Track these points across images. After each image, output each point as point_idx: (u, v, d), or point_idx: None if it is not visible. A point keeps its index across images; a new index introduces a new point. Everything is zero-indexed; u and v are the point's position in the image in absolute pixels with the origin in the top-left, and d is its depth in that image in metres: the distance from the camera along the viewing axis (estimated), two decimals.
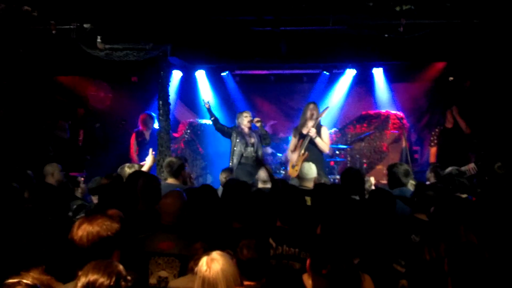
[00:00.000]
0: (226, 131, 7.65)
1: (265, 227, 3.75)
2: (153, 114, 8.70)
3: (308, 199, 4.67)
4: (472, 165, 6.58)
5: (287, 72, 10.12)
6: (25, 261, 2.54)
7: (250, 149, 7.43)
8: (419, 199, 4.25)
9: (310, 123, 7.22)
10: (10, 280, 2.27)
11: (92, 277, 2.21)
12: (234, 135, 7.48)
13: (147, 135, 8.70)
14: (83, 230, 2.55)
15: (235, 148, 7.43)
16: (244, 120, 7.47)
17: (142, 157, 8.13)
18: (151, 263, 3.36)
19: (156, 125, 8.45)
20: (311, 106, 7.38)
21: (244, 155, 7.40)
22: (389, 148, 9.77)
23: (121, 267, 2.31)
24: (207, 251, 2.83)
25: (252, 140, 7.45)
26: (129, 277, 2.31)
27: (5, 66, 7.73)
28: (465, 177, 5.03)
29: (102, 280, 2.21)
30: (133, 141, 8.64)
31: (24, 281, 2.30)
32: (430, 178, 6.09)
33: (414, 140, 9.99)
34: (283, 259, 3.47)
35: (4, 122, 8.01)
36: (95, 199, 5.07)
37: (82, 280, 2.22)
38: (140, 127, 8.74)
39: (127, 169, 5.53)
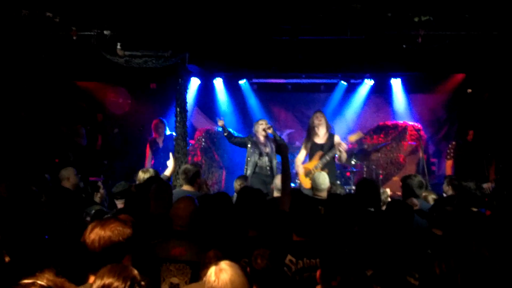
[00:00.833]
0: (240, 141, 7.67)
1: (280, 236, 3.74)
2: (164, 120, 8.79)
3: (321, 208, 4.64)
4: (490, 184, 6.53)
5: (304, 81, 10.12)
6: (40, 263, 2.57)
7: (264, 158, 7.42)
8: (437, 214, 4.20)
9: (322, 131, 7.25)
10: (25, 281, 2.28)
11: (107, 280, 2.24)
12: (249, 144, 7.48)
13: (160, 141, 8.76)
14: (95, 234, 2.58)
15: (249, 158, 7.43)
16: (259, 128, 7.47)
17: (157, 164, 8.20)
18: (163, 269, 3.37)
19: (169, 131, 8.55)
20: (318, 113, 7.50)
21: (258, 164, 7.39)
22: (406, 160, 9.70)
23: (136, 271, 2.33)
24: (220, 259, 2.83)
25: (267, 149, 7.43)
26: (143, 282, 2.33)
27: (27, 70, 7.87)
28: (482, 191, 4.98)
29: (117, 284, 2.23)
30: (148, 150, 8.73)
31: (39, 282, 2.31)
32: (448, 191, 6.04)
33: (431, 152, 9.91)
34: (305, 272, 3.42)
35: (25, 125, 8.13)
36: (119, 204, 5.12)
37: (98, 283, 2.25)
38: (153, 135, 8.81)
39: (141, 174, 5.59)
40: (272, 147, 7.43)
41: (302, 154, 7.51)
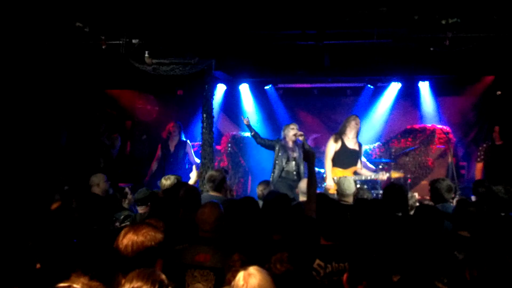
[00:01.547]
0: (268, 144, 7.63)
1: (305, 240, 3.74)
2: (179, 123, 8.85)
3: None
4: None
5: (330, 86, 10.09)
6: (72, 268, 2.63)
7: (291, 163, 7.37)
8: (460, 215, 4.17)
9: (352, 134, 7.30)
10: (61, 284, 2.34)
11: (136, 284, 2.29)
12: (277, 148, 7.46)
13: (172, 145, 8.77)
14: (128, 239, 2.62)
15: (276, 162, 7.40)
16: (290, 132, 7.42)
17: (160, 169, 8.26)
18: (187, 275, 3.40)
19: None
20: (357, 118, 7.46)
21: (285, 169, 7.35)
22: (434, 163, 9.55)
23: (163, 276, 2.38)
24: (245, 263, 2.84)
25: (295, 154, 7.37)
26: (170, 287, 2.37)
27: (59, 79, 8.07)
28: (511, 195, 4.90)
29: (146, 287, 2.28)
30: (158, 152, 8.85)
31: (74, 285, 2.37)
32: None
33: (461, 155, 9.74)
34: (334, 276, 3.40)
35: (57, 133, 8.33)
36: (140, 209, 5.22)
37: (127, 287, 2.30)
38: (164, 135, 8.89)
39: (164, 181, 5.63)
40: (300, 152, 7.36)
41: (330, 151, 7.33)
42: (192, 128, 9.89)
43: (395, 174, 7.42)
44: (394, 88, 9.68)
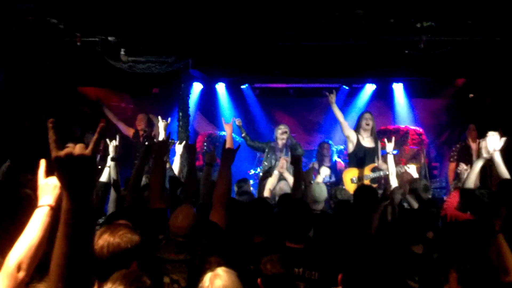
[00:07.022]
0: (259, 146, 7.63)
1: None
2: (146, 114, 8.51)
3: None
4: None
5: (306, 86, 10.14)
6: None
7: (278, 164, 7.38)
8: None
9: (367, 133, 7.46)
10: None
11: (119, 286, 2.21)
12: (266, 150, 7.50)
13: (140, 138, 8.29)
14: (104, 240, 2.54)
15: (265, 163, 7.45)
16: (278, 132, 7.47)
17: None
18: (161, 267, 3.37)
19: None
20: (366, 115, 7.63)
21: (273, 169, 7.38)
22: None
23: (149, 281, 2.30)
24: (221, 265, 2.83)
25: (282, 155, 7.41)
26: None
27: (32, 76, 7.90)
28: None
29: None
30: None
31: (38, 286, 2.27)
32: None
33: (433, 156, 9.91)
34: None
35: (28, 131, 8.14)
36: None
37: (108, 286, 2.22)
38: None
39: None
40: (288, 153, 7.37)
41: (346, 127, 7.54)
42: (167, 127, 9.77)
43: (412, 166, 7.45)
44: (368, 89, 9.79)
